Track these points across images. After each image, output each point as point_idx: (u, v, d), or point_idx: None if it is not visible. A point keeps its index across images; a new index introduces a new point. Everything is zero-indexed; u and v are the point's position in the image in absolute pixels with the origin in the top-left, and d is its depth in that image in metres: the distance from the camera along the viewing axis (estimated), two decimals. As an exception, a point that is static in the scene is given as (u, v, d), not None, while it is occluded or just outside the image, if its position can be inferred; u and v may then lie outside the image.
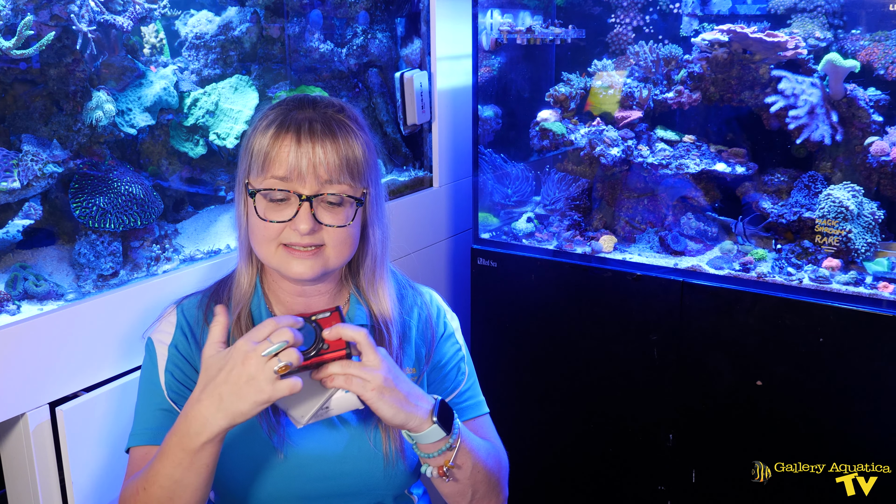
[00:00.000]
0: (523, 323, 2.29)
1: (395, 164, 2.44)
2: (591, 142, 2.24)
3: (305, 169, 1.16)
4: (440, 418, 1.15)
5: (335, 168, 1.18)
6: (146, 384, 1.25)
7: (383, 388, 1.08)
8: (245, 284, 1.28)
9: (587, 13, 2.47)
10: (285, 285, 1.28)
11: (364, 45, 2.27)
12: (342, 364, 1.07)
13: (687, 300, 2.02)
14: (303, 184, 1.17)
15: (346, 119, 1.23)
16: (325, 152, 1.17)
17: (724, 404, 2.01)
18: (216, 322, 1.10)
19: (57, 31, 1.52)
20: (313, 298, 1.29)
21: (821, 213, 1.98)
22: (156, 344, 1.26)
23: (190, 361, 1.24)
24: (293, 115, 1.20)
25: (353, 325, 1.11)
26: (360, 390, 1.08)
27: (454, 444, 1.17)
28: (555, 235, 2.31)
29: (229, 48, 1.98)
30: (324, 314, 1.09)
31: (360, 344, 1.08)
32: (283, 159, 1.17)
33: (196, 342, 1.25)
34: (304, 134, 1.17)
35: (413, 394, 1.13)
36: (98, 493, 1.48)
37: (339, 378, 1.07)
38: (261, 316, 1.27)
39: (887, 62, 2.02)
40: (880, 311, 1.80)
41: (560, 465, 2.31)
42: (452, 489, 1.23)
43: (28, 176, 1.47)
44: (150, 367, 1.25)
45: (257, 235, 1.21)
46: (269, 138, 1.19)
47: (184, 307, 1.29)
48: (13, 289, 1.45)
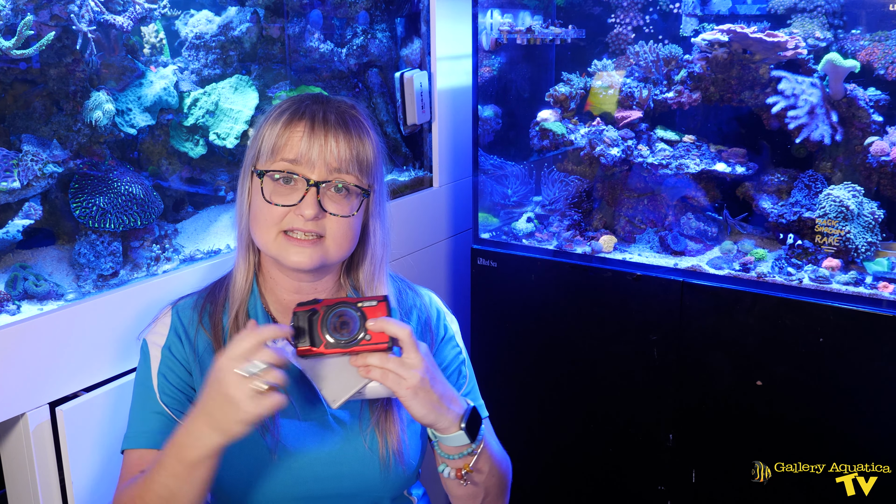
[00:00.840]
0: (523, 323, 2.29)
1: (395, 164, 2.44)
2: (591, 142, 2.24)
3: (316, 155, 1.18)
4: (468, 425, 1.15)
5: (346, 158, 1.19)
6: (140, 387, 1.25)
7: (418, 388, 1.08)
8: (242, 282, 1.28)
9: (587, 13, 2.47)
10: (282, 281, 1.28)
11: (364, 45, 2.27)
12: (381, 358, 1.07)
13: (687, 300, 2.02)
14: (312, 169, 1.18)
15: (359, 115, 1.25)
16: (338, 142, 1.19)
17: (724, 404, 2.01)
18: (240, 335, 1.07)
19: (57, 31, 1.52)
20: (310, 296, 1.29)
21: (821, 213, 1.98)
22: (150, 346, 1.26)
23: (183, 363, 1.24)
24: (308, 105, 1.22)
25: (398, 320, 1.10)
26: (394, 386, 1.08)
27: (476, 450, 1.18)
28: (555, 235, 2.31)
29: (229, 48, 1.98)
30: (370, 303, 1.07)
31: (402, 341, 1.08)
32: (294, 143, 1.19)
33: (190, 343, 1.25)
34: (317, 122, 1.19)
35: (447, 396, 1.13)
36: (98, 493, 1.47)
37: (375, 371, 1.07)
38: (257, 315, 1.27)
39: (887, 62, 2.02)
40: (880, 311, 1.80)
41: (560, 465, 2.31)
42: (466, 492, 1.24)
43: (28, 176, 1.47)
44: (144, 369, 1.25)
45: (259, 220, 1.21)
46: (282, 125, 1.20)
47: (179, 308, 1.29)
48: (13, 289, 1.45)
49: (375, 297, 1.08)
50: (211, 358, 1.22)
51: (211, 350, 1.24)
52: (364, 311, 1.06)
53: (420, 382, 1.08)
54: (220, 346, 1.23)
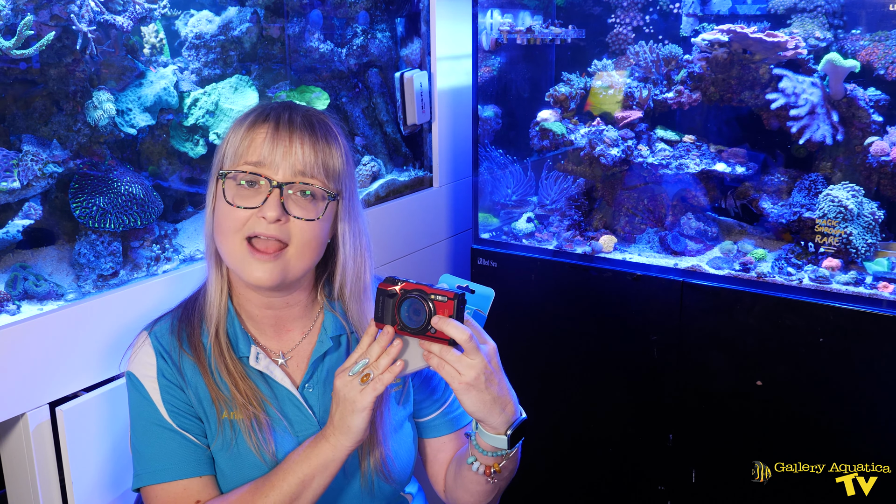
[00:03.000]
0: (523, 323, 2.29)
1: (395, 164, 2.44)
2: (591, 142, 2.24)
3: (280, 157, 1.15)
4: (514, 433, 1.16)
5: (311, 162, 1.17)
6: (143, 421, 1.22)
7: (470, 386, 1.10)
8: (217, 297, 1.25)
9: (587, 13, 2.47)
10: (252, 297, 1.25)
11: (364, 45, 2.27)
12: (442, 349, 1.11)
13: (687, 300, 2.02)
14: (275, 171, 1.16)
15: (325, 119, 1.23)
16: (303, 144, 1.17)
17: (724, 404, 2.01)
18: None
19: (57, 31, 1.52)
20: (283, 311, 1.27)
21: (821, 213, 1.98)
22: (141, 379, 1.22)
23: (176, 384, 1.22)
24: (273, 108, 1.20)
25: (466, 319, 1.12)
26: (449, 379, 1.10)
27: (510, 455, 1.19)
28: (555, 235, 2.31)
29: (229, 48, 1.98)
30: (442, 297, 1.10)
31: (463, 345, 1.09)
32: (257, 145, 1.16)
33: (176, 366, 1.22)
34: (282, 124, 1.17)
35: (502, 399, 1.14)
36: (98, 493, 1.47)
37: (434, 359, 1.11)
38: (236, 335, 1.25)
39: (887, 62, 2.02)
40: (880, 311, 1.80)
41: (560, 465, 2.31)
42: (485, 489, 1.24)
43: (28, 176, 1.47)
44: (141, 402, 1.22)
45: (223, 226, 1.18)
46: (245, 128, 1.18)
47: (157, 333, 1.25)
48: (13, 289, 1.45)
49: (449, 292, 1.10)
50: (201, 384, 1.21)
51: (198, 374, 1.22)
52: (435, 305, 1.10)
53: (473, 381, 1.09)
54: (205, 369, 1.22)
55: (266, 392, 1.24)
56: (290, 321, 1.28)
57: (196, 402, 1.22)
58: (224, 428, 1.20)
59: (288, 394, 1.24)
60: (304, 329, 1.29)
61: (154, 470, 1.19)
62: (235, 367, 1.22)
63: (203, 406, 1.21)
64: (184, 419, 1.21)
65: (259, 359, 1.24)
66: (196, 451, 1.20)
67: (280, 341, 1.28)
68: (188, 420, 1.21)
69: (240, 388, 1.21)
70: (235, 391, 1.20)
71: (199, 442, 1.21)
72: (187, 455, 1.19)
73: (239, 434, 1.20)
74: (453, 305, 1.10)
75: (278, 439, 1.22)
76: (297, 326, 1.29)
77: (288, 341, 1.28)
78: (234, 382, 1.21)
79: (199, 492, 1.18)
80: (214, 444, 1.21)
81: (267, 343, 1.27)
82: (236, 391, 1.20)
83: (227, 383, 1.20)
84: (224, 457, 1.20)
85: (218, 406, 1.20)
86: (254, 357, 1.24)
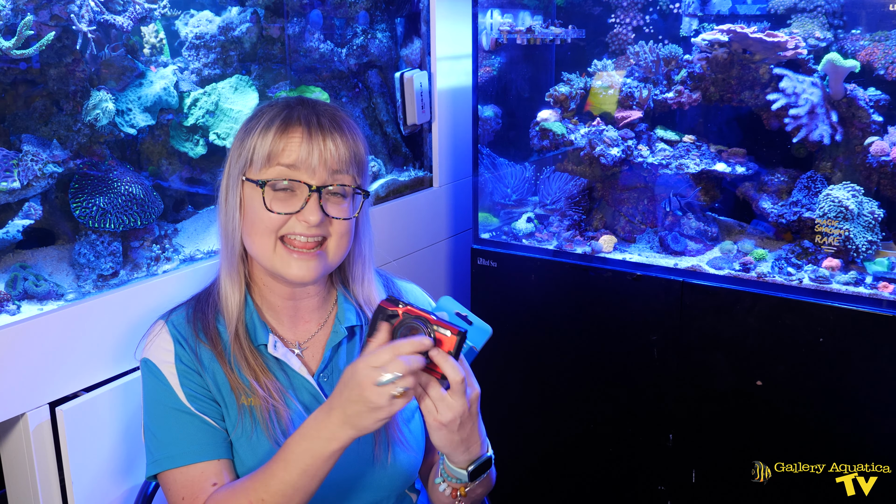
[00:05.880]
0: (523, 323, 2.29)
1: (395, 164, 2.44)
2: (591, 142, 2.24)
3: (317, 160, 1.18)
4: (475, 470, 1.17)
5: (345, 159, 1.20)
6: (160, 406, 1.22)
7: (443, 426, 1.09)
8: (234, 298, 1.26)
9: (587, 13, 2.47)
10: (276, 288, 1.27)
11: (364, 45, 2.27)
12: (430, 382, 1.08)
13: (687, 300, 2.02)
14: (312, 175, 1.18)
15: (347, 117, 1.26)
16: (336, 144, 1.19)
17: (724, 404, 2.01)
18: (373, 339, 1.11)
19: (57, 31, 1.52)
20: (303, 301, 1.30)
21: (821, 213, 1.98)
22: (159, 365, 1.23)
23: (193, 369, 1.23)
24: (297, 111, 1.22)
25: (459, 363, 1.09)
26: (425, 413, 1.10)
27: (472, 485, 1.19)
28: (555, 235, 2.31)
29: (229, 48, 1.98)
30: (445, 331, 1.07)
31: (453, 385, 1.08)
32: (292, 149, 1.18)
33: (193, 351, 1.23)
34: (313, 127, 1.19)
35: (469, 440, 1.14)
36: (98, 493, 1.48)
37: (418, 389, 1.08)
38: (254, 325, 1.26)
39: (887, 62, 2.02)
40: (880, 311, 1.80)
41: (560, 465, 2.31)
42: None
43: (28, 176, 1.47)
44: (158, 387, 1.22)
45: (258, 227, 1.20)
46: (275, 133, 1.19)
47: (173, 321, 1.27)
48: (13, 289, 1.45)
49: (454, 328, 1.08)
50: (219, 370, 1.22)
51: (215, 361, 1.23)
52: (436, 338, 1.08)
53: (448, 423, 1.09)
54: (222, 357, 1.23)
55: (283, 381, 1.25)
56: (308, 312, 1.31)
57: (214, 388, 1.23)
58: (244, 415, 1.21)
59: (304, 381, 1.26)
60: (321, 320, 1.32)
61: (172, 454, 1.20)
62: (256, 361, 1.24)
63: (221, 392, 1.23)
64: (202, 403, 1.22)
65: (277, 347, 1.26)
66: (214, 434, 1.21)
67: (296, 331, 1.31)
68: (206, 403, 1.22)
69: (260, 381, 1.22)
70: (256, 385, 1.22)
71: (217, 425, 1.22)
72: (205, 438, 1.20)
73: (258, 423, 1.21)
74: (455, 342, 1.08)
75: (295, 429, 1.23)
76: (314, 317, 1.32)
77: (304, 331, 1.31)
78: (254, 376, 1.23)
79: (215, 475, 1.19)
80: (235, 431, 1.22)
81: (284, 333, 1.30)
82: (257, 385, 1.22)
83: (248, 378, 1.22)
84: (244, 444, 1.21)
85: (237, 392, 1.22)
86: (272, 345, 1.26)
